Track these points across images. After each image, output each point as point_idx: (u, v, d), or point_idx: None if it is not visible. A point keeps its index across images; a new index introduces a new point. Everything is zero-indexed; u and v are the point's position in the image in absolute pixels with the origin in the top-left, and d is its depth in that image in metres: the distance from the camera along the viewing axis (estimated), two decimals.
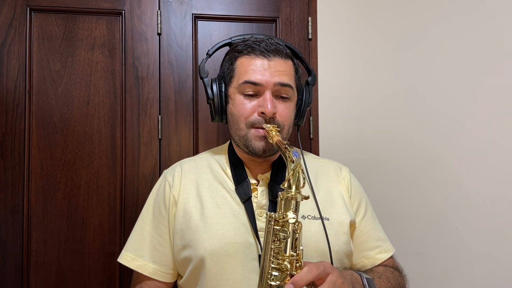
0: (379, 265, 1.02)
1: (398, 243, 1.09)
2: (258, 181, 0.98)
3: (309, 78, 1.04)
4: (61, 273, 1.34)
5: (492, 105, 1.20)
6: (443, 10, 1.32)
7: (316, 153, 1.50)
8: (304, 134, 1.51)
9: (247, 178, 0.97)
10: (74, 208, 1.36)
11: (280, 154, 0.99)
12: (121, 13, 1.42)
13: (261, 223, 0.92)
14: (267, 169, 1.00)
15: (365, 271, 1.00)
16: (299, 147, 0.96)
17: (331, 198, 1.00)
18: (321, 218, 0.89)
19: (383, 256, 1.02)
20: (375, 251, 1.02)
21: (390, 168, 1.44)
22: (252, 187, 0.96)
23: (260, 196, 0.95)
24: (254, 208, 0.94)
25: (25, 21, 1.36)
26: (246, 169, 0.99)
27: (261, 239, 0.89)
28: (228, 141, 1.07)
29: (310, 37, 1.52)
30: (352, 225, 1.00)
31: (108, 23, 1.41)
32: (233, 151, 1.02)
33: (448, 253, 1.28)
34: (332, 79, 1.51)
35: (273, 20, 1.50)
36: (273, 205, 0.93)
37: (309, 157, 1.11)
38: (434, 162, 1.33)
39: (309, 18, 1.52)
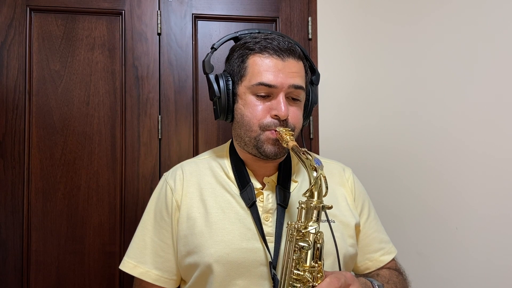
0: (382, 267, 1.01)
1: (398, 243, 1.09)
2: (263, 184, 0.96)
3: (313, 77, 1.02)
4: (61, 273, 1.34)
5: (493, 105, 1.20)
6: (444, 9, 1.32)
7: (316, 153, 1.50)
8: (304, 134, 1.51)
9: (250, 182, 0.94)
10: (74, 208, 1.36)
11: (287, 156, 0.98)
12: (121, 13, 1.42)
13: (267, 228, 0.90)
14: (273, 171, 0.98)
15: (369, 274, 1.00)
16: (303, 147, 0.94)
17: (336, 200, 0.98)
18: (328, 220, 0.85)
19: (386, 258, 1.02)
20: (379, 253, 1.02)
21: (390, 167, 1.44)
22: (256, 192, 0.94)
23: (266, 200, 0.93)
24: (260, 212, 0.91)
25: (25, 21, 1.36)
26: (250, 171, 0.96)
27: (269, 244, 0.88)
28: (229, 142, 1.04)
29: (310, 37, 1.52)
30: (357, 227, 0.99)
31: (108, 23, 1.41)
32: (235, 152, 0.99)
33: (448, 253, 1.28)
34: (332, 79, 1.51)
35: (273, 20, 1.50)
36: (281, 209, 0.92)
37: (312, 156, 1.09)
38: (434, 162, 1.33)
39: (309, 18, 1.52)
